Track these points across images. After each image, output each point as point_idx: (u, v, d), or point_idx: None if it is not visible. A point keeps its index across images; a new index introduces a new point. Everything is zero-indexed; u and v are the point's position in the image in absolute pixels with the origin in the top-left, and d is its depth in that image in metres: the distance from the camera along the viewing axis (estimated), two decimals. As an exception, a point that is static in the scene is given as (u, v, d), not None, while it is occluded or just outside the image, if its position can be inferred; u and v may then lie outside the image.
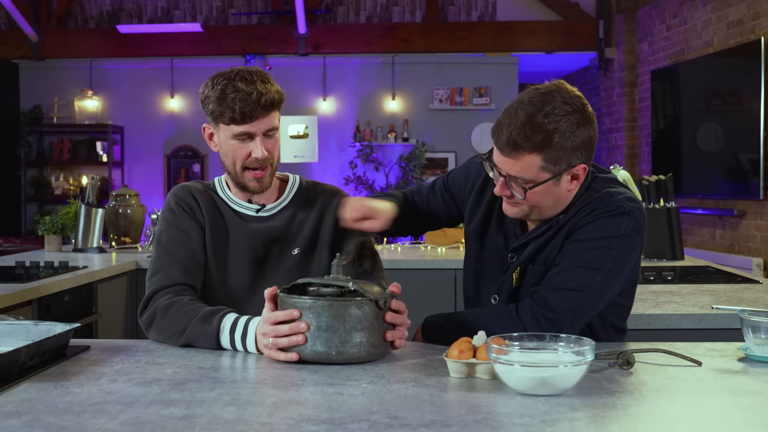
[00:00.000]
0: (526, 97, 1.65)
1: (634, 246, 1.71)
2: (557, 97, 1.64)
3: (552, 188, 1.68)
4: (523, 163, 1.65)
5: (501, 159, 1.68)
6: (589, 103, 1.71)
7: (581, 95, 1.69)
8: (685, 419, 1.24)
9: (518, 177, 1.67)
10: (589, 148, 1.68)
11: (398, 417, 1.23)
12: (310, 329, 1.55)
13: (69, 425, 1.20)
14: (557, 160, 1.64)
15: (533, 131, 1.62)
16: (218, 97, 1.84)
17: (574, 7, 8.29)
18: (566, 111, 1.63)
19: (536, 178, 1.66)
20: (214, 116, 1.88)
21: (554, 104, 1.63)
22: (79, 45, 8.37)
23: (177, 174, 8.79)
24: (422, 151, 8.48)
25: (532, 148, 1.63)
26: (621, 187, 1.77)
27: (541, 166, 1.65)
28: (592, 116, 1.68)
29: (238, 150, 1.88)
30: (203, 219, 1.94)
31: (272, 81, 1.89)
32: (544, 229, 1.76)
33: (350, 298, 1.57)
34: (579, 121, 1.64)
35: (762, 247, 5.94)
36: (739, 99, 6.19)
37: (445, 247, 4.61)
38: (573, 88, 1.69)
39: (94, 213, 4.30)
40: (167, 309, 1.79)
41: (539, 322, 1.66)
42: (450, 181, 2.01)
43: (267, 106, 1.84)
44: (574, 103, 1.65)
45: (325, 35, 8.29)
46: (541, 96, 1.64)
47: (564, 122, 1.62)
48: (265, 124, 1.87)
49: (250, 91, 1.82)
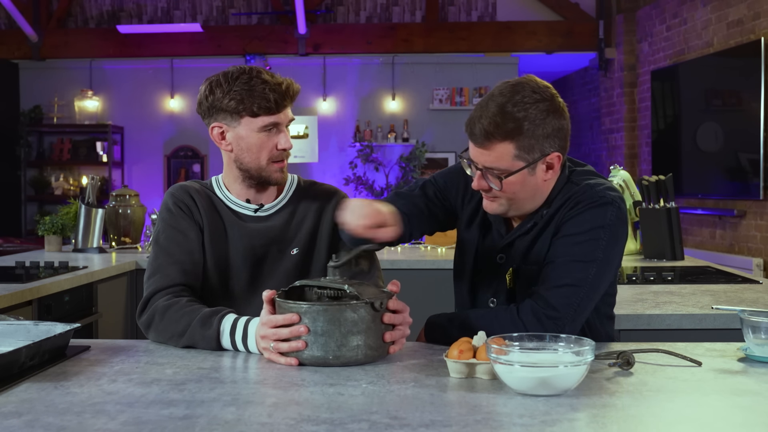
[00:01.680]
0: (496, 90, 1.71)
1: (620, 235, 1.74)
2: (526, 87, 1.69)
3: (528, 178, 1.71)
4: (497, 152, 1.69)
5: (476, 152, 1.72)
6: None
7: (551, 86, 1.75)
8: (685, 419, 1.24)
9: (493, 168, 1.70)
10: (562, 137, 1.72)
11: (398, 417, 1.23)
12: (307, 334, 1.56)
13: (69, 425, 1.20)
14: (530, 148, 1.69)
15: (504, 120, 1.67)
16: (247, 90, 1.84)
17: (574, 7, 8.29)
18: (535, 99, 1.68)
19: (510, 167, 1.70)
20: (236, 112, 1.86)
21: (523, 93, 1.68)
22: (79, 45, 8.37)
23: (177, 174, 8.79)
24: (422, 151, 8.48)
25: (504, 137, 1.67)
26: (600, 178, 1.81)
27: (514, 154, 1.69)
28: (562, 106, 1.72)
29: (265, 142, 1.89)
30: (201, 219, 1.94)
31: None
32: (529, 226, 1.78)
33: (345, 302, 1.57)
34: (548, 109, 1.69)
35: (762, 247, 5.94)
36: (739, 99, 6.19)
37: (445, 247, 4.61)
38: (543, 81, 1.74)
39: (94, 213, 4.30)
40: (166, 311, 1.78)
41: (541, 322, 1.67)
42: (442, 186, 1.94)
43: (292, 97, 1.90)
44: (543, 93, 1.70)
45: (325, 35, 8.29)
46: (511, 87, 1.70)
47: (533, 109, 1.67)
48: (289, 115, 1.92)
49: (279, 81, 1.87)
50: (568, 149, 1.79)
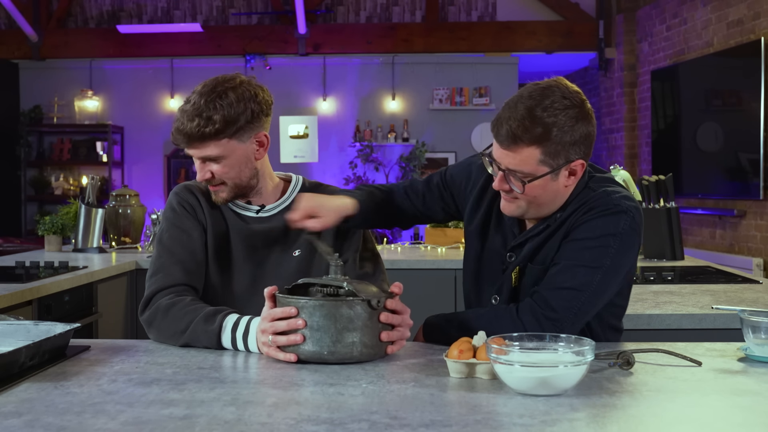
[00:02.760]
0: (525, 92, 1.68)
1: (631, 244, 1.72)
2: (556, 92, 1.66)
3: (550, 183, 1.70)
4: (522, 156, 1.66)
5: (500, 153, 1.69)
6: (588, 102, 1.72)
7: (580, 91, 1.71)
8: (685, 419, 1.24)
9: (517, 171, 1.68)
10: (588, 144, 1.70)
11: (398, 417, 1.23)
12: (305, 328, 1.56)
13: (69, 425, 1.20)
14: (556, 154, 1.66)
15: (532, 124, 1.63)
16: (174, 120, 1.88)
17: (574, 7, 8.29)
18: (565, 105, 1.65)
19: (535, 171, 1.67)
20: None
21: (553, 98, 1.65)
22: (79, 45, 8.37)
23: (177, 174, 8.79)
24: (422, 151, 8.48)
25: (531, 141, 1.64)
26: (618, 186, 1.79)
27: (539, 159, 1.66)
28: (590, 113, 1.70)
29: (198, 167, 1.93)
30: (205, 219, 1.94)
31: (224, 105, 1.83)
32: (542, 227, 1.77)
33: (342, 298, 1.58)
34: (578, 116, 1.66)
35: (762, 247, 5.94)
36: (739, 99, 6.19)
37: (445, 247, 4.61)
38: (572, 84, 1.71)
39: (94, 213, 4.30)
40: (169, 309, 1.79)
41: (540, 322, 1.67)
42: (449, 178, 2.00)
43: (202, 138, 1.83)
44: (573, 98, 1.67)
45: (325, 35, 8.29)
46: (541, 90, 1.66)
47: (563, 116, 1.64)
48: (201, 153, 1.87)
49: (187, 121, 1.83)
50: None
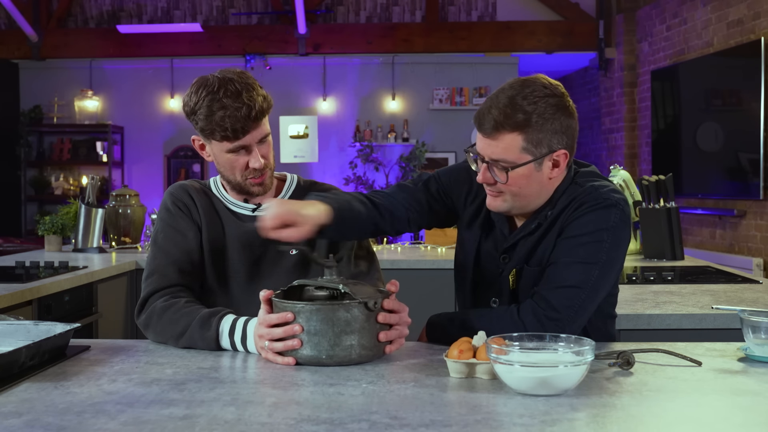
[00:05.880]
0: (507, 85, 1.73)
1: (623, 237, 1.75)
2: (537, 82, 1.71)
3: (534, 173, 1.71)
4: (505, 143, 1.69)
5: (483, 143, 1.72)
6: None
7: (561, 85, 1.76)
8: (685, 419, 1.24)
9: (500, 160, 1.70)
10: (570, 136, 1.73)
11: (398, 417, 1.23)
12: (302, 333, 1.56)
13: (69, 425, 1.20)
14: (538, 141, 1.69)
15: (514, 111, 1.67)
16: (206, 116, 1.79)
17: (574, 7, 8.29)
18: (545, 93, 1.70)
19: (517, 159, 1.70)
20: (204, 133, 1.85)
21: (534, 87, 1.70)
22: (79, 45, 8.37)
23: (177, 174, 8.79)
24: (422, 151, 8.48)
25: (513, 128, 1.68)
26: (604, 180, 1.82)
27: (522, 146, 1.69)
28: (572, 107, 1.74)
29: (234, 162, 1.87)
30: (200, 218, 1.93)
31: (256, 86, 1.83)
32: (533, 227, 1.77)
33: (338, 302, 1.57)
34: (557, 105, 1.70)
35: (762, 247, 5.94)
36: (739, 99, 6.19)
37: (445, 247, 4.61)
38: (554, 80, 1.76)
39: (94, 213, 4.30)
40: (164, 311, 1.78)
41: (542, 323, 1.67)
42: (446, 183, 1.94)
43: (257, 117, 1.81)
44: (553, 89, 1.72)
45: (325, 35, 8.28)
46: (522, 81, 1.72)
47: (542, 103, 1.68)
48: (258, 134, 1.84)
49: (238, 106, 1.78)
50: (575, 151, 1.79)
